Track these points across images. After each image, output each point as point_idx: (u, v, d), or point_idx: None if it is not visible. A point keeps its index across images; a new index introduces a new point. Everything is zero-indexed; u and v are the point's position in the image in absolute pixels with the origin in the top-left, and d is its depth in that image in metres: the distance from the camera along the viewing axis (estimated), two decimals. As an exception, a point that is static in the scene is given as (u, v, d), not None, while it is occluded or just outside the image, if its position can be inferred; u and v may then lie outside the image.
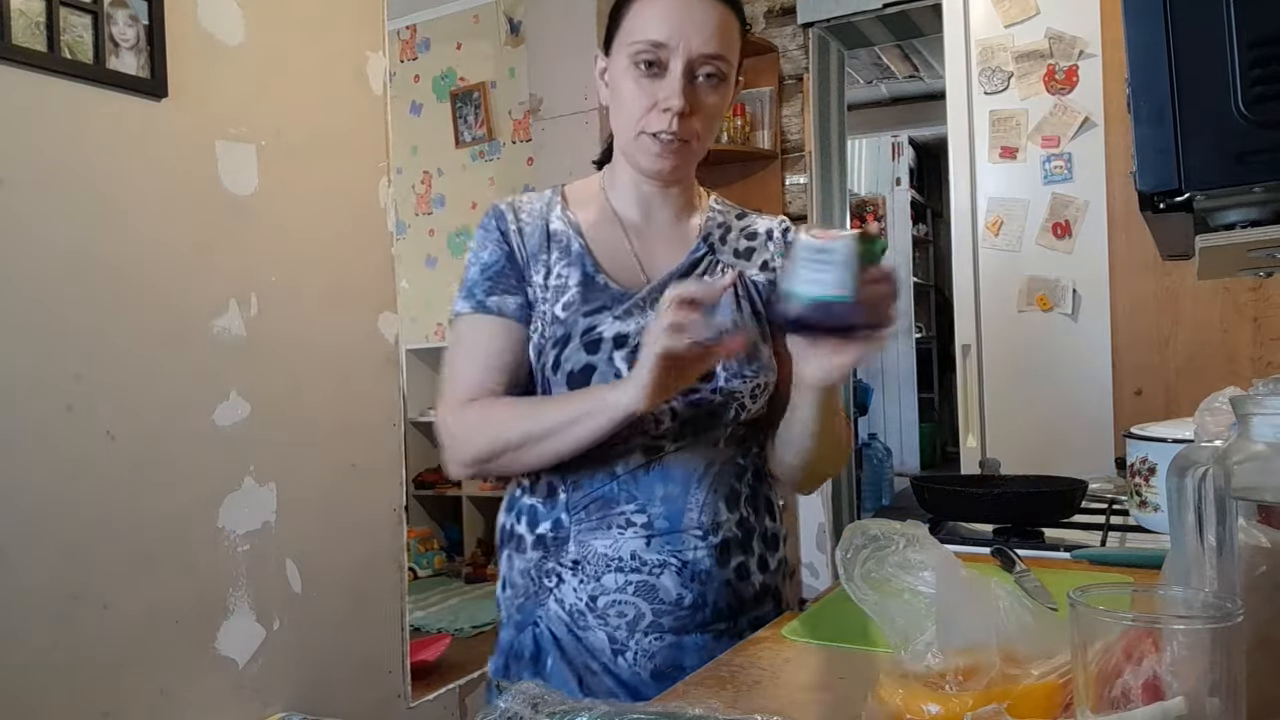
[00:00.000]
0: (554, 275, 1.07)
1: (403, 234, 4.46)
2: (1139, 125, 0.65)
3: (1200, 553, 0.61)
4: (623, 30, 1.05)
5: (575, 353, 1.01)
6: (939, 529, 1.38)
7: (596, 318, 1.03)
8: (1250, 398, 0.62)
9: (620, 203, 1.13)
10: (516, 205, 1.11)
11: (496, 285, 1.06)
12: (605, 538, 1.02)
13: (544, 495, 1.06)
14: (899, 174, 6.11)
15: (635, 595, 1.01)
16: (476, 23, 4.38)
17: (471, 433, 1.03)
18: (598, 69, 1.11)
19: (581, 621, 1.02)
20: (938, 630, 0.68)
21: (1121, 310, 2.42)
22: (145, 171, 1.73)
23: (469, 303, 1.07)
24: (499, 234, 1.09)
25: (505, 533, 1.10)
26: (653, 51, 1.02)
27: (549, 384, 1.03)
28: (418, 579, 3.96)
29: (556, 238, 1.09)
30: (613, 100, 1.08)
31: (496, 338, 1.05)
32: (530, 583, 1.06)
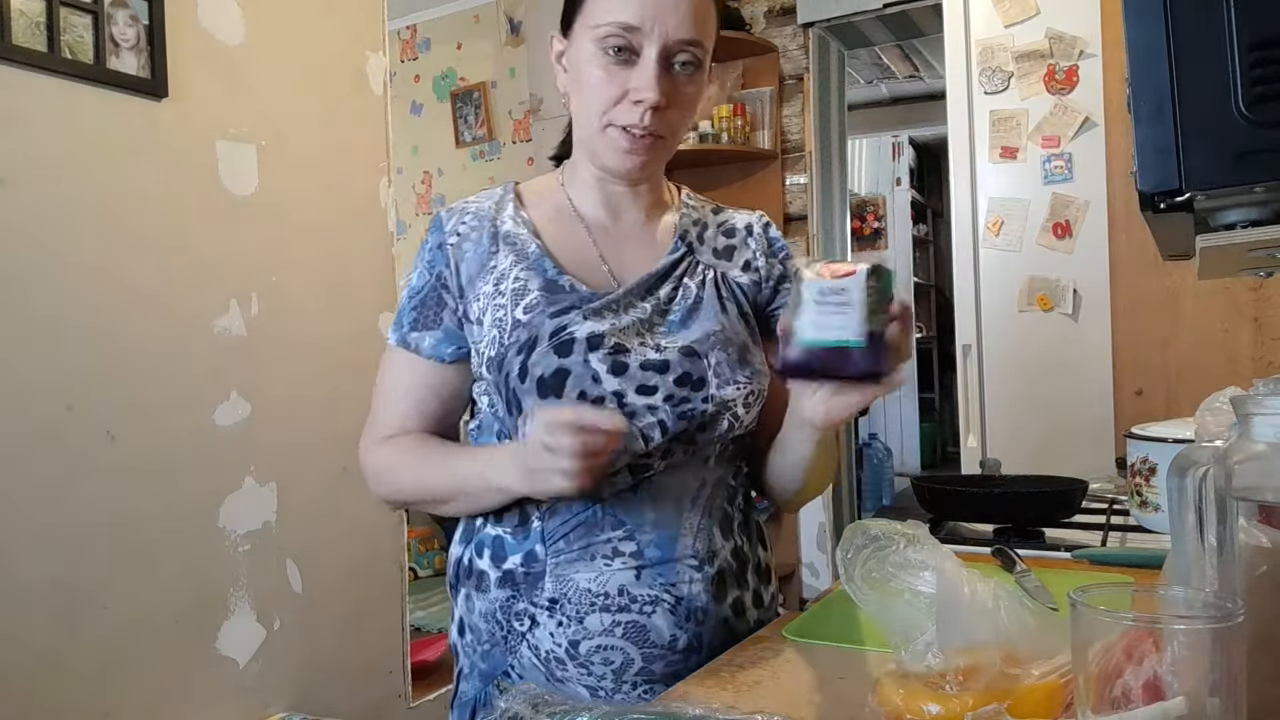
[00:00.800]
0: (510, 279, 0.95)
1: (403, 234, 4.46)
2: (1139, 125, 0.65)
3: (1201, 553, 0.61)
4: (586, 9, 0.93)
5: (545, 357, 0.90)
6: (939, 529, 1.38)
7: (565, 318, 0.92)
8: (1251, 398, 0.62)
9: (582, 201, 1.02)
10: (457, 210, 1.01)
11: (420, 317, 0.99)
12: (588, 570, 0.89)
13: (514, 524, 0.93)
14: (899, 174, 6.11)
15: (624, 638, 0.89)
16: (477, 23, 4.38)
17: (377, 477, 1.01)
18: (554, 51, 1.00)
19: (560, 671, 0.90)
20: (938, 630, 0.68)
21: (1122, 310, 2.42)
22: (145, 171, 1.73)
23: (395, 332, 1.01)
24: (433, 249, 0.99)
25: (461, 568, 0.99)
26: (623, 36, 0.90)
27: (516, 394, 0.91)
28: (418, 579, 3.96)
29: (509, 239, 0.98)
30: (574, 88, 0.96)
31: (413, 378, 1.00)
32: (496, 627, 0.93)
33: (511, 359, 0.91)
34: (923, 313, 6.40)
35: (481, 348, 0.96)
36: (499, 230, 0.99)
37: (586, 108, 0.95)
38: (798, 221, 3.50)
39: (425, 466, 0.97)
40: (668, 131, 0.95)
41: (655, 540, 0.91)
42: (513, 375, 0.91)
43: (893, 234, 6.07)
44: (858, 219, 5.94)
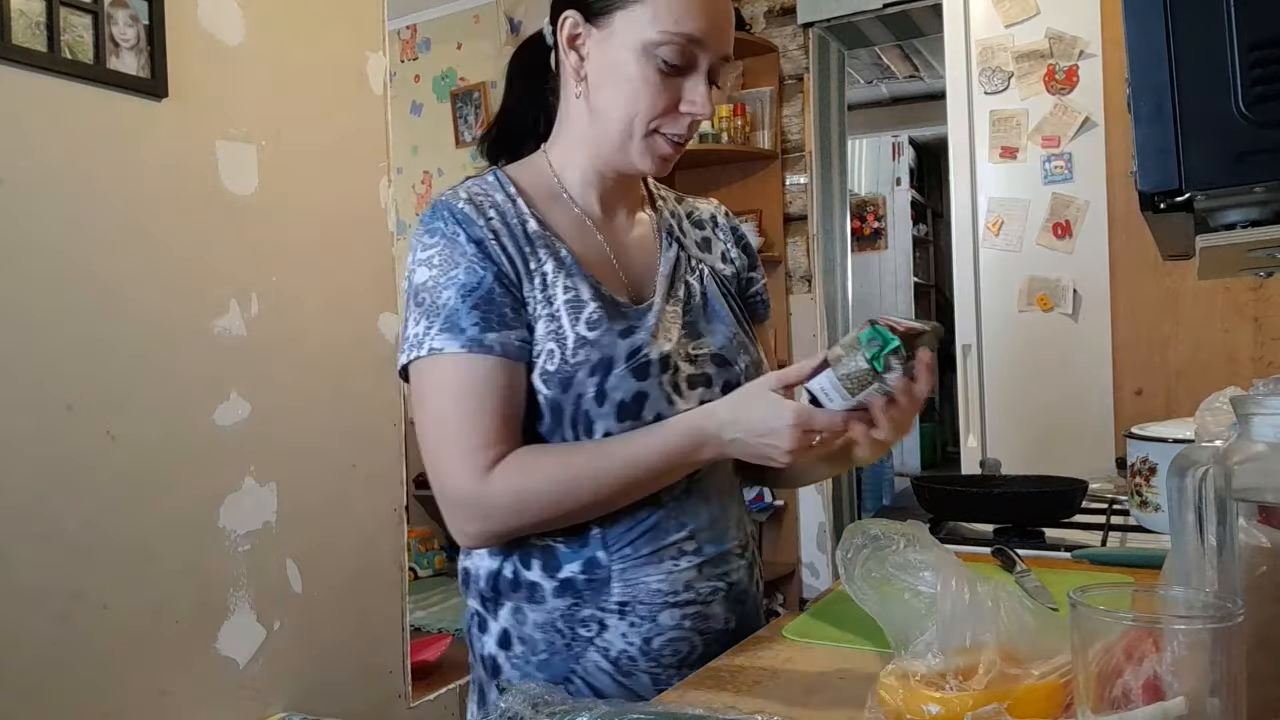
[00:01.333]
0: (558, 287, 0.91)
1: (403, 234, 4.46)
2: (1139, 125, 0.65)
3: (1200, 553, 0.61)
4: (643, 8, 0.89)
5: (624, 380, 0.89)
6: (939, 529, 1.38)
7: (634, 339, 0.91)
8: (1251, 398, 0.62)
9: (582, 197, 0.99)
10: (478, 203, 0.93)
11: (490, 315, 0.88)
12: (658, 571, 0.91)
13: (567, 534, 0.92)
14: (899, 174, 6.11)
15: (691, 630, 0.93)
16: (477, 23, 4.38)
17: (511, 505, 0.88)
18: (566, 32, 0.93)
19: (629, 668, 0.92)
20: (938, 630, 0.68)
21: (1122, 310, 2.42)
22: (145, 171, 1.73)
23: (456, 338, 0.87)
24: (473, 242, 0.90)
25: (504, 581, 0.94)
26: (687, 48, 0.89)
27: (588, 418, 0.89)
28: (418, 579, 3.96)
29: (539, 240, 0.93)
30: (603, 84, 0.92)
31: (505, 383, 0.88)
32: (557, 636, 0.92)
33: (583, 380, 0.88)
34: (923, 313, 6.40)
35: (533, 358, 0.90)
36: (526, 227, 0.93)
37: (624, 110, 0.91)
38: (798, 221, 3.50)
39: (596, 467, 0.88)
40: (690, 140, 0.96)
41: (710, 537, 0.95)
42: (586, 397, 0.89)
43: (893, 234, 6.08)
44: (858, 219, 5.94)
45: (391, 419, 2.25)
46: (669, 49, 0.89)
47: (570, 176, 0.99)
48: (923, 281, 6.40)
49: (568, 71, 0.95)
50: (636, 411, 0.90)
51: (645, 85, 0.90)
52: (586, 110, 0.95)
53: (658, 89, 0.90)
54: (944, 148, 3.03)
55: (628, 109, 0.91)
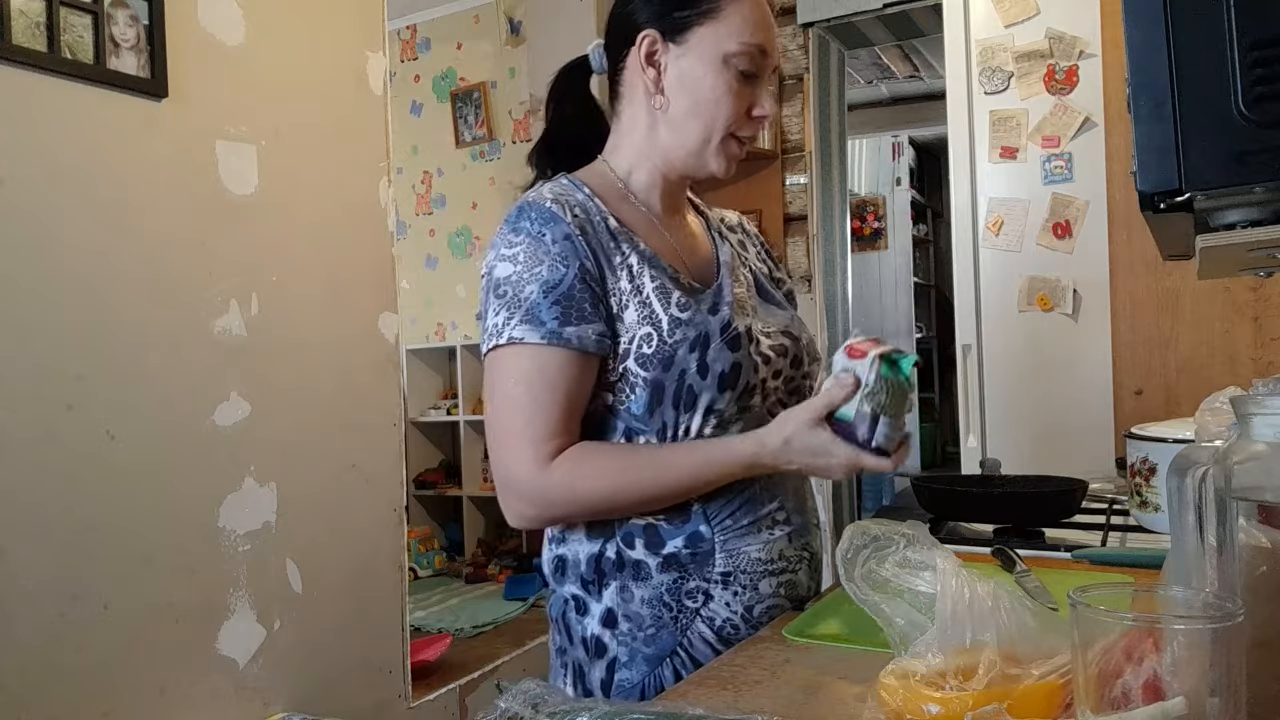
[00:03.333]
0: (644, 278, 0.97)
1: (403, 234, 4.46)
2: (1139, 125, 0.65)
3: (1200, 553, 0.61)
4: (716, 24, 0.98)
5: (721, 353, 0.95)
6: (939, 529, 1.38)
7: (722, 314, 0.98)
8: (1250, 398, 0.62)
9: (648, 200, 1.06)
10: (563, 201, 0.98)
11: (571, 311, 0.93)
12: (756, 541, 0.99)
13: (668, 511, 0.97)
14: (899, 174, 6.10)
15: (784, 596, 1.01)
16: (477, 23, 4.38)
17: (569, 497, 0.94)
18: (645, 50, 1.00)
19: (733, 636, 0.97)
20: (938, 630, 0.68)
21: (1122, 310, 2.42)
22: (145, 171, 1.73)
23: (537, 330, 0.92)
24: (560, 241, 0.95)
25: (607, 562, 0.98)
26: (757, 58, 0.99)
27: (692, 392, 0.95)
28: (418, 579, 3.96)
29: (621, 236, 1.00)
30: (685, 96, 1.00)
31: (575, 375, 0.93)
32: (664, 610, 0.96)
33: (684, 356, 0.95)
34: (922, 313, 6.40)
35: (626, 344, 0.95)
36: (608, 224, 1.00)
37: (707, 117, 1.00)
38: (798, 221, 3.50)
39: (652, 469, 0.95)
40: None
41: (795, 507, 1.04)
42: (690, 372, 0.95)
43: (893, 234, 6.07)
44: (858, 219, 5.94)
45: (391, 419, 2.25)
46: (744, 59, 0.99)
47: (636, 180, 1.06)
48: (923, 281, 6.40)
49: (639, 86, 1.03)
50: (734, 381, 0.97)
51: (727, 94, 0.99)
52: (661, 120, 1.03)
53: (737, 97, 1.00)
54: (944, 148, 3.03)
55: (710, 116, 1.00)
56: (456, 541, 4.28)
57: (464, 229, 4.45)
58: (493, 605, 3.48)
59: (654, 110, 1.02)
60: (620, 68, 1.05)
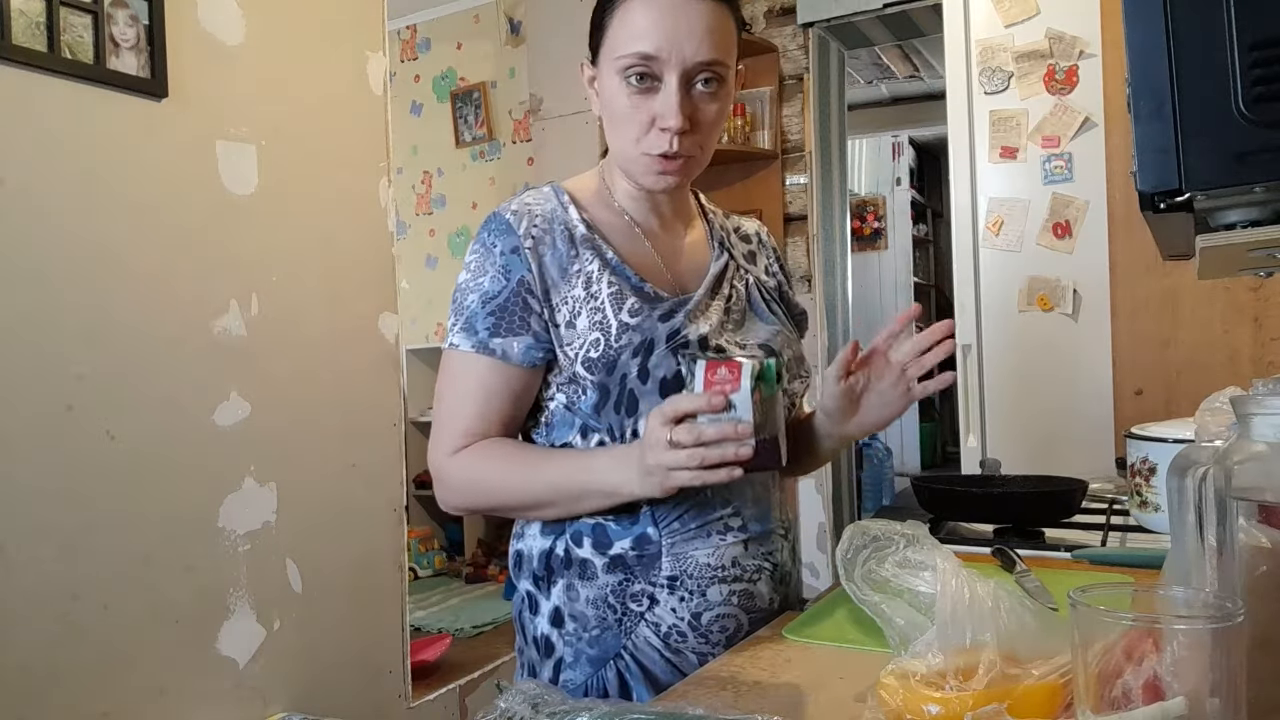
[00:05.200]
0: (602, 283, 0.99)
1: (403, 234, 4.46)
2: (1139, 125, 0.65)
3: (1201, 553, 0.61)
4: (609, 39, 0.98)
5: (664, 359, 0.95)
6: (939, 529, 1.38)
7: (673, 321, 0.98)
8: (1251, 398, 0.62)
9: (631, 208, 1.07)
10: (523, 213, 1.01)
11: (501, 322, 0.98)
12: (705, 546, 0.97)
13: (617, 511, 0.97)
14: (899, 174, 6.11)
15: (737, 606, 0.98)
16: (477, 23, 4.38)
17: (462, 484, 0.99)
18: (585, 77, 1.05)
19: (679, 643, 0.96)
20: (938, 630, 0.68)
21: (1122, 310, 2.42)
22: (145, 171, 1.73)
23: (469, 339, 0.98)
24: (506, 253, 0.99)
25: (555, 560, 1.00)
26: (644, 65, 0.95)
27: (634, 395, 0.95)
28: (418, 579, 3.96)
29: (586, 243, 1.01)
30: (605, 113, 1.01)
31: (497, 383, 0.98)
32: (609, 611, 0.97)
33: (627, 361, 0.96)
34: (923, 313, 6.40)
35: (576, 349, 0.97)
36: (573, 233, 1.01)
37: (620, 135, 1.00)
38: (798, 221, 3.50)
39: (522, 474, 0.97)
40: (696, 150, 0.99)
41: (755, 515, 1.01)
42: (631, 376, 0.95)
43: (893, 234, 6.08)
44: (858, 219, 5.94)
45: (391, 419, 2.25)
46: (632, 69, 0.96)
47: (619, 188, 1.07)
48: (923, 281, 6.40)
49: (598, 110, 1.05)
50: (677, 387, 0.95)
51: (623, 108, 0.98)
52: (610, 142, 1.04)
53: (632, 110, 0.97)
54: (944, 148, 3.03)
55: (620, 134, 1.00)
56: (456, 541, 4.28)
57: (464, 229, 4.45)
58: (493, 605, 3.48)
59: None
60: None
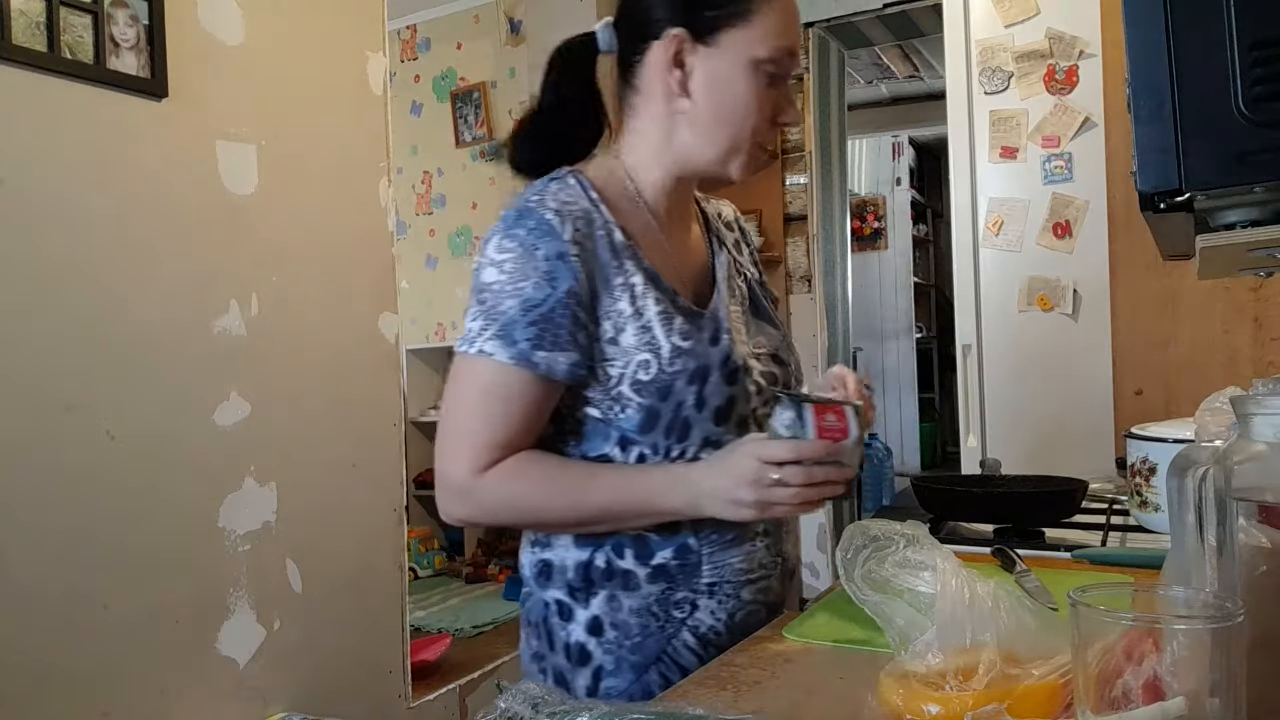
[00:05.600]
0: (647, 300, 0.94)
1: (403, 234, 4.46)
2: (1139, 125, 0.65)
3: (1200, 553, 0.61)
4: (745, 28, 0.93)
5: (719, 387, 0.94)
6: (939, 529, 1.38)
7: (723, 346, 0.96)
8: (1251, 398, 0.62)
9: (655, 202, 1.01)
10: (565, 214, 0.92)
11: (545, 335, 0.90)
12: (739, 553, 0.99)
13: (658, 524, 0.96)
14: (899, 174, 6.11)
15: (761, 603, 1.03)
16: (477, 23, 4.38)
17: (497, 504, 0.94)
18: (670, 49, 0.95)
19: (716, 642, 0.98)
20: (938, 630, 0.68)
21: (1122, 310, 2.42)
22: (145, 171, 1.73)
23: (507, 349, 0.89)
24: (551, 259, 0.90)
25: (596, 571, 0.97)
26: (788, 62, 0.95)
27: (688, 422, 0.94)
28: (418, 579, 3.96)
29: (624, 251, 0.95)
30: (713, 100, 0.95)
31: (535, 397, 0.92)
32: (651, 619, 0.97)
33: (682, 388, 0.93)
34: (922, 313, 6.40)
35: (620, 369, 0.92)
36: (612, 239, 0.95)
37: (736, 123, 0.96)
38: (798, 221, 3.50)
39: (571, 496, 0.94)
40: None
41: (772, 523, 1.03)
42: (687, 404, 0.93)
43: (893, 234, 6.08)
44: (858, 219, 5.95)
45: (391, 419, 2.25)
46: (773, 64, 0.94)
47: (646, 181, 1.01)
48: (923, 281, 6.41)
49: (658, 84, 0.97)
50: (729, 414, 0.96)
51: (749, 96, 0.95)
52: (684, 123, 0.98)
53: (762, 102, 0.95)
54: (944, 148, 3.03)
55: (739, 124, 0.96)
56: (456, 541, 4.28)
57: (464, 229, 4.45)
58: (493, 605, 3.48)
59: (675, 112, 0.97)
60: (636, 60, 0.99)
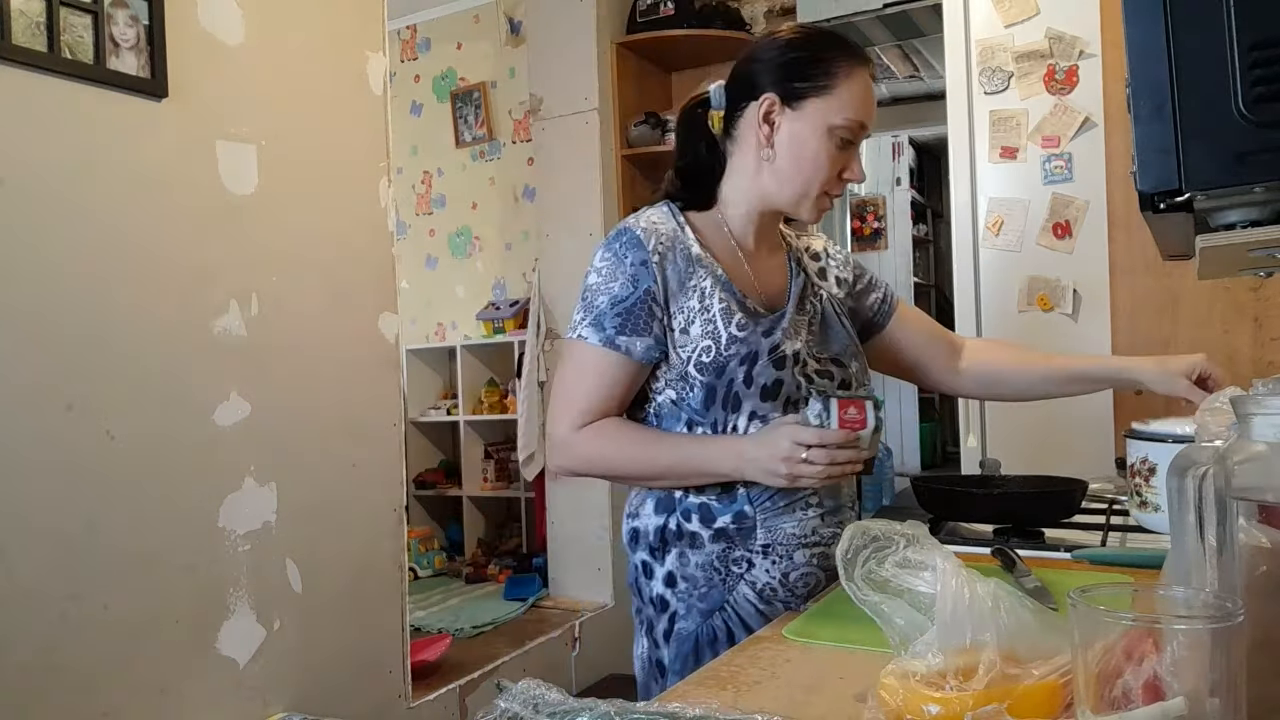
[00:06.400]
0: (713, 299, 1.15)
1: (403, 234, 4.46)
2: (1139, 125, 0.65)
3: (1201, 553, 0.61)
4: (827, 98, 1.14)
5: (766, 369, 1.13)
6: (939, 529, 1.38)
7: (774, 337, 1.15)
8: (1251, 398, 0.62)
9: (739, 231, 1.23)
10: (650, 230, 1.16)
11: (627, 323, 1.13)
12: (792, 519, 1.15)
13: (719, 491, 1.15)
14: (899, 174, 6.10)
15: (817, 566, 1.17)
16: (477, 23, 4.38)
17: (586, 455, 1.16)
18: (762, 108, 1.16)
19: (770, 597, 1.15)
20: (938, 630, 0.68)
21: (1122, 310, 2.42)
22: (145, 171, 1.73)
23: (598, 334, 1.13)
24: (636, 265, 1.14)
25: (669, 533, 1.18)
26: (859, 132, 1.15)
27: (738, 397, 1.13)
28: (418, 579, 3.96)
29: (700, 262, 1.17)
30: (791, 153, 1.16)
31: (619, 374, 1.14)
32: (714, 574, 1.16)
33: (734, 368, 1.13)
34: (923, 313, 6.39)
35: (688, 352, 1.14)
36: (690, 252, 1.17)
37: (805, 174, 1.16)
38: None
39: (644, 453, 1.14)
40: None
41: (828, 493, 1.19)
42: (737, 381, 1.13)
43: (893, 234, 6.07)
44: (858, 219, 5.95)
45: (391, 419, 2.25)
46: (846, 131, 1.15)
47: (733, 213, 1.23)
48: (923, 281, 6.40)
49: (751, 136, 1.19)
50: (775, 393, 1.14)
51: (826, 159, 1.16)
52: (766, 169, 1.19)
53: (833, 161, 1.16)
54: (944, 148, 3.03)
55: (809, 176, 1.17)
56: (456, 541, 4.28)
57: (464, 229, 4.45)
58: (493, 605, 3.48)
59: (761, 160, 1.19)
60: (737, 115, 1.20)
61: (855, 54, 1.16)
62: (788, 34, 1.20)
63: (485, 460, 4.20)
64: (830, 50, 1.16)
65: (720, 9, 3.44)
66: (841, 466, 1.06)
